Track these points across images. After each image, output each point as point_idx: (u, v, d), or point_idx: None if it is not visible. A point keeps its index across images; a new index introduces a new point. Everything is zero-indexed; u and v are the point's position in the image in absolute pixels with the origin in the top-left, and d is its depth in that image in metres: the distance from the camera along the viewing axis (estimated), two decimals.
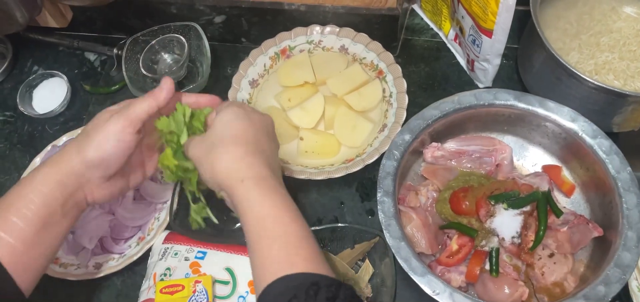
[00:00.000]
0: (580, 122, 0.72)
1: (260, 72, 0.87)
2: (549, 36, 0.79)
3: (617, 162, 0.69)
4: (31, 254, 0.55)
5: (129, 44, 0.92)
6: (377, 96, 0.83)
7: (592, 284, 0.63)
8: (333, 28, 0.87)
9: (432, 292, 0.62)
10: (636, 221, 0.65)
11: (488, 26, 0.73)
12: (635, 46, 0.78)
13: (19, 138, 0.92)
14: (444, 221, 0.73)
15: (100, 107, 0.93)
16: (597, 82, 0.70)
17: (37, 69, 1.00)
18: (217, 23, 0.94)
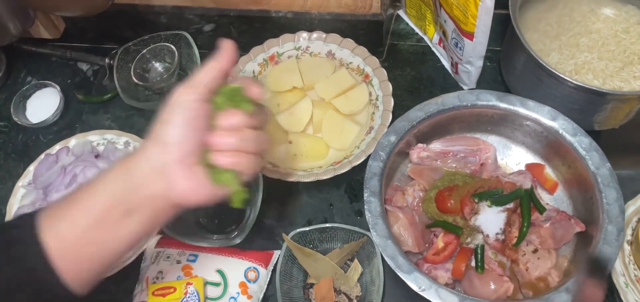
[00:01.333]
0: (561, 120, 0.74)
1: None
2: (530, 38, 0.81)
3: (596, 158, 0.71)
4: (84, 251, 0.50)
5: (120, 54, 0.94)
6: (364, 100, 0.85)
7: (574, 277, 0.64)
8: (320, 34, 0.89)
9: (419, 289, 0.64)
10: (616, 215, 0.67)
11: (469, 29, 0.75)
12: (614, 46, 0.80)
13: (13, 147, 0.93)
14: (430, 220, 0.74)
15: (93, 116, 0.95)
16: (577, 82, 0.72)
17: (31, 80, 1.01)
18: (206, 31, 0.96)
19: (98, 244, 0.51)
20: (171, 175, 0.50)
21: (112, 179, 0.51)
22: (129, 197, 0.50)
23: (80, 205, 0.51)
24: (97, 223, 0.50)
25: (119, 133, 0.89)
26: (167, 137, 0.51)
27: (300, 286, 0.73)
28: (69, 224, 0.50)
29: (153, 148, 0.51)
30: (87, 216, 0.50)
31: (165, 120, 0.51)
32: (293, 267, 0.73)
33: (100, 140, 0.89)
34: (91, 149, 0.87)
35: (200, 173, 0.52)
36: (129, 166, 0.51)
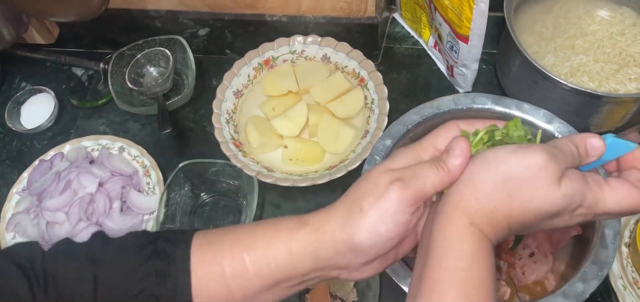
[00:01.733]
0: (556, 123, 0.73)
1: (245, 83, 0.88)
2: (525, 40, 0.81)
3: None
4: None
5: (114, 59, 0.94)
6: (359, 103, 0.84)
7: (571, 281, 0.64)
8: (315, 38, 0.89)
9: None
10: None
11: (464, 32, 0.75)
12: (609, 48, 0.80)
13: (7, 154, 0.93)
14: None
15: (88, 121, 0.95)
16: (572, 85, 0.72)
17: (25, 85, 1.01)
18: (201, 36, 0.96)
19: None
20: (353, 273, 0.45)
21: (300, 248, 0.44)
22: (309, 275, 0.46)
23: (249, 257, 0.45)
24: (265, 288, 0.46)
25: (113, 138, 0.89)
26: (358, 240, 0.42)
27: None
28: (226, 273, 0.45)
29: (341, 233, 0.43)
30: (256, 277, 0.45)
31: (366, 216, 0.42)
32: None
33: (95, 145, 0.89)
34: (86, 155, 0.86)
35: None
36: (320, 245, 0.44)
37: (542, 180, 0.40)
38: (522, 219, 0.41)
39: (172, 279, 0.45)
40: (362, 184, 0.44)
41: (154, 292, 0.45)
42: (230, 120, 0.85)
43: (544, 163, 0.40)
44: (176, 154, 0.89)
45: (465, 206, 0.41)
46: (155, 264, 0.46)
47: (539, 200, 0.40)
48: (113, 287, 0.46)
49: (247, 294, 0.46)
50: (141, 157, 0.86)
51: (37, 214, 0.80)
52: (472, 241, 0.40)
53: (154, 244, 0.47)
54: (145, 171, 0.85)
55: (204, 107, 0.93)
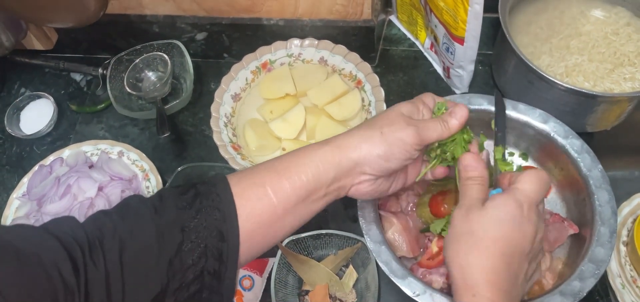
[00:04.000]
0: (552, 123, 0.74)
1: (242, 86, 0.89)
2: (521, 41, 0.81)
3: (588, 160, 0.71)
4: (281, 223, 0.54)
5: (113, 64, 0.94)
6: (357, 105, 0.85)
7: (568, 279, 0.64)
8: (312, 41, 0.89)
9: (413, 294, 0.63)
10: (608, 217, 0.67)
11: (459, 34, 0.75)
12: (604, 48, 0.81)
13: (7, 159, 0.93)
14: (425, 225, 0.74)
15: (87, 126, 0.95)
16: (568, 85, 0.73)
17: (25, 91, 1.01)
18: (199, 40, 0.96)
19: (288, 217, 0.54)
20: (363, 186, 0.56)
21: (325, 161, 0.54)
22: (331, 186, 0.55)
23: (284, 176, 0.53)
24: (300, 200, 0.53)
25: (112, 143, 0.89)
26: (377, 152, 0.54)
27: (296, 293, 0.73)
28: (269, 192, 0.52)
29: (363, 146, 0.54)
30: (293, 190, 0.53)
31: (385, 139, 0.54)
32: (288, 274, 0.73)
33: (94, 150, 0.89)
34: (85, 160, 0.87)
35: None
36: (341, 157, 0.54)
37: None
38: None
39: (220, 211, 0.50)
40: (380, 120, 0.56)
41: (205, 224, 0.49)
42: (229, 124, 0.85)
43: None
44: (175, 157, 0.89)
45: (470, 284, 0.50)
46: (201, 202, 0.50)
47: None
48: (165, 230, 0.48)
49: (286, 207, 0.53)
50: (140, 162, 0.87)
51: (37, 219, 0.81)
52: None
53: (194, 188, 0.52)
54: (144, 175, 0.85)
55: (202, 110, 0.93)
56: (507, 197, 0.52)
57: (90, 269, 0.44)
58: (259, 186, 0.52)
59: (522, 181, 0.53)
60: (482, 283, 0.49)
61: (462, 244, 0.51)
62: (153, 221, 0.48)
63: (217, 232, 0.49)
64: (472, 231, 0.51)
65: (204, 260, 0.49)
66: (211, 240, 0.49)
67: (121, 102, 0.92)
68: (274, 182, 0.53)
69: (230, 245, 0.50)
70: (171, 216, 0.49)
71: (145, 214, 0.49)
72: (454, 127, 0.56)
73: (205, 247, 0.49)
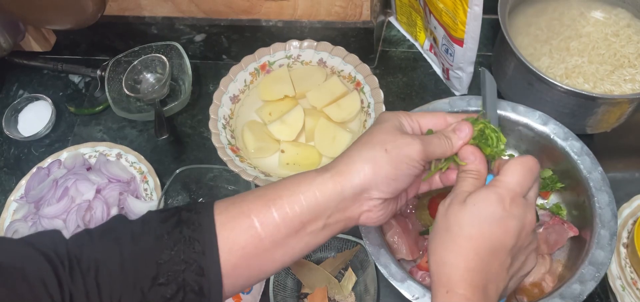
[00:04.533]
0: (552, 125, 0.73)
1: (241, 88, 0.88)
2: (520, 42, 0.81)
3: (588, 162, 0.70)
4: (269, 256, 0.49)
5: (111, 65, 0.94)
6: (356, 107, 0.85)
7: (568, 282, 0.64)
8: (311, 42, 0.89)
9: (412, 297, 0.63)
10: (608, 219, 0.66)
11: (458, 35, 0.75)
12: (604, 50, 0.80)
13: (5, 161, 0.93)
14: (424, 227, 0.74)
15: (85, 128, 0.95)
16: (568, 86, 0.72)
17: (22, 93, 1.01)
18: (197, 42, 0.96)
19: (278, 250, 0.50)
20: (372, 214, 0.52)
21: (325, 190, 0.49)
22: (333, 217, 0.50)
23: (273, 206, 0.49)
24: (292, 232, 0.49)
25: (111, 145, 0.89)
26: (385, 173, 0.49)
27: (294, 296, 0.73)
28: (255, 223, 0.48)
29: (367, 169, 0.49)
30: (283, 221, 0.49)
31: (390, 156, 0.49)
32: (287, 277, 0.73)
33: (92, 152, 0.89)
34: (83, 162, 0.86)
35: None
36: (344, 184, 0.49)
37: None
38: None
39: (199, 243, 0.47)
40: (377, 136, 0.51)
41: (182, 257, 0.46)
42: (227, 126, 0.85)
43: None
44: (173, 159, 0.89)
45: (444, 281, 0.48)
46: (182, 232, 0.47)
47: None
48: (139, 259, 0.46)
49: (275, 240, 0.49)
50: (138, 164, 0.86)
51: (34, 221, 0.80)
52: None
53: (177, 215, 0.49)
54: (142, 177, 0.85)
55: (200, 112, 0.93)
56: (488, 192, 0.49)
57: (71, 287, 0.44)
58: (245, 215, 0.49)
59: (505, 172, 0.50)
60: (456, 280, 0.47)
61: (439, 240, 0.50)
62: (129, 248, 0.46)
63: (197, 266, 0.47)
64: (449, 227, 0.49)
65: (182, 294, 0.46)
66: (189, 274, 0.46)
67: (119, 104, 0.92)
68: (261, 212, 0.48)
69: (211, 280, 0.47)
70: (148, 246, 0.47)
71: (122, 240, 0.47)
72: (457, 147, 0.53)
73: (183, 282, 0.46)
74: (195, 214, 0.49)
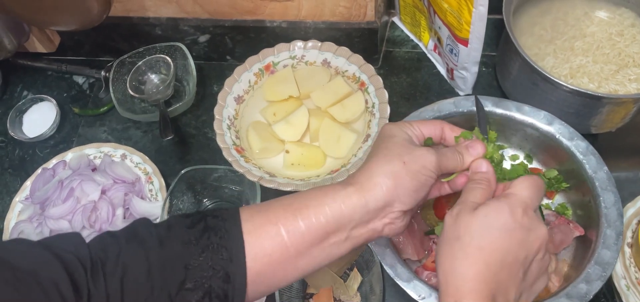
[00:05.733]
0: (557, 125, 0.74)
1: (246, 88, 0.89)
2: (525, 42, 0.81)
3: (593, 162, 0.70)
4: (292, 265, 0.50)
5: (116, 66, 0.94)
6: (360, 107, 0.85)
7: (574, 282, 0.64)
8: (315, 43, 0.89)
9: (418, 297, 0.63)
10: (614, 219, 0.66)
11: (463, 35, 0.75)
12: (609, 49, 0.80)
13: (10, 162, 0.93)
14: (429, 227, 0.74)
15: (90, 129, 0.95)
16: (572, 86, 0.72)
17: (27, 94, 1.01)
18: (201, 42, 0.96)
19: (301, 259, 0.50)
20: (395, 225, 0.52)
21: (350, 204, 0.50)
22: (356, 230, 0.51)
23: (300, 215, 0.50)
24: (317, 241, 0.50)
25: (115, 146, 0.89)
26: (407, 185, 0.51)
27: (300, 296, 0.73)
28: (281, 232, 0.49)
29: (389, 182, 0.50)
30: (309, 230, 0.50)
31: (409, 168, 0.51)
32: None
33: (97, 153, 0.89)
34: (88, 163, 0.87)
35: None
36: (368, 198, 0.50)
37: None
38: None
39: (227, 250, 0.48)
40: (394, 148, 0.52)
41: (210, 264, 0.47)
42: (232, 126, 0.85)
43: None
44: (178, 160, 0.89)
45: (451, 292, 0.48)
46: (210, 238, 0.48)
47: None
48: (168, 264, 0.46)
49: (300, 249, 0.50)
50: (143, 164, 0.87)
51: (40, 222, 0.80)
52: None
53: (203, 221, 0.49)
54: (147, 178, 0.85)
55: (205, 113, 0.93)
56: (500, 203, 0.50)
57: (91, 290, 0.44)
58: (273, 223, 0.49)
59: (516, 185, 0.51)
60: (465, 291, 0.47)
61: (448, 248, 0.50)
62: (156, 253, 0.47)
63: (224, 273, 0.47)
64: (459, 236, 0.49)
65: (207, 299, 0.47)
66: (216, 281, 0.47)
67: (124, 104, 0.92)
68: (288, 221, 0.49)
69: (236, 287, 0.48)
70: (175, 251, 0.47)
71: (149, 243, 0.47)
72: (468, 164, 0.55)
73: (210, 288, 0.47)
74: (221, 221, 0.49)
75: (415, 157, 0.51)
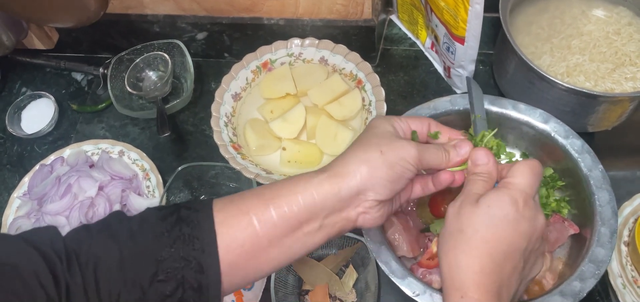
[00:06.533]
0: (552, 123, 0.74)
1: (243, 86, 0.89)
2: (521, 41, 0.81)
3: (588, 160, 0.71)
4: (265, 256, 0.50)
5: (113, 63, 0.94)
6: (357, 105, 0.85)
7: (568, 280, 0.64)
8: (312, 40, 0.89)
9: (413, 294, 0.63)
10: (609, 217, 0.67)
11: (459, 34, 0.75)
12: (605, 48, 0.80)
13: (8, 159, 0.94)
14: (425, 225, 0.74)
15: (88, 126, 0.95)
16: (569, 85, 0.73)
17: (26, 91, 1.01)
18: (199, 40, 0.96)
19: (274, 249, 0.50)
20: (369, 216, 0.52)
21: (322, 191, 0.50)
22: (330, 218, 0.51)
23: (272, 205, 0.49)
24: (289, 231, 0.50)
25: (113, 142, 0.89)
26: (380, 174, 0.50)
27: (296, 293, 0.73)
28: (253, 221, 0.49)
29: (362, 169, 0.50)
30: (281, 220, 0.49)
31: (386, 157, 0.50)
32: (288, 274, 0.73)
33: (95, 149, 0.89)
34: (86, 159, 0.87)
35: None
36: (341, 185, 0.50)
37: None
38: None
39: (199, 241, 0.47)
40: (373, 139, 0.52)
41: (182, 255, 0.47)
42: (229, 123, 0.85)
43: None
44: (175, 157, 0.89)
45: (457, 285, 0.48)
46: (181, 229, 0.48)
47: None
48: (139, 257, 0.46)
49: (272, 239, 0.49)
50: (141, 161, 0.87)
51: (38, 218, 0.81)
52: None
53: (176, 213, 0.49)
54: (144, 175, 0.85)
55: (202, 110, 0.93)
56: (501, 194, 0.50)
57: (69, 281, 0.44)
58: (244, 213, 0.49)
59: (515, 174, 0.51)
60: (470, 285, 0.47)
61: (451, 242, 0.50)
62: (127, 246, 0.46)
63: (196, 263, 0.47)
64: (462, 229, 0.49)
65: (181, 291, 0.47)
66: (189, 272, 0.47)
67: (122, 101, 0.92)
68: (259, 210, 0.49)
69: (210, 277, 0.47)
70: (146, 243, 0.47)
71: (120, 237, 0.47)
72: (454, 163, 0.55)
73: (183, 279, 0.47)
74: (194, 212, 0.49)
75: (394, 148, 0.51)
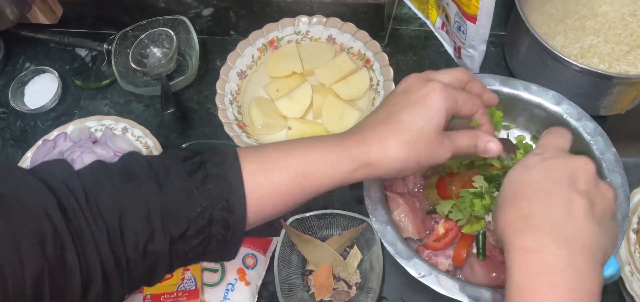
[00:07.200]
0: (565, 105, 0.72)
1: (249, 64, 0.87)
2: (535, 21, 0.79)
3: (601, 143, 0.69)
4: (290, 205, 0.52)
5: (118, 39, 0.93)
6: (365, 85, 0.83)
7: None
8: (320, 18, 0.88)
9: (418, 275, 0.62)
10: (621, 201, 0.65)
11: (472, 12, 0.74)
12: (621, 29, 0.78)
13: (11, 134, 0.93)
14: (431, 206, 0.73)
15: (92, 102, 0.94)
16: (582, 65, 0.71)
17: (29, 66, 1.00)
18: (205, 16, 0.95)
19: (299, 188, 0.51)
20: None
21: (353, 178, 0.53)
22: (351, 163, 0.52)
23: (304, 182, 0.51)
24: (315, 195, 0.52)
25: (117, 119, 0.88)
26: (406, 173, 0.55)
27: (299, 272, 0.73)
28: (276, 181, 0.50)
29: (395, 173, 0.53)
30: (309, 194, 0.52)
31: (413, 170, 0.53)
32: (292, 253, 0.73)
33: (98, 126, 0.88)
34: (89, 135, 0.86)
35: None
36: (371, 173, 0.53)
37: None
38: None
39: (230, 200, 0.48)
40: (420, 139, 0.52)
41: (212, 214, 0.47)
42: (234, 101, 0.84)
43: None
44: (179, 134, 0.88)
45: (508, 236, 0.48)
46: (211, 188, 0.48)
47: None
48: (169, 216, 0.46)
49: (299, 200, 0.52)
50: (144, 138, 0.86)
51: None
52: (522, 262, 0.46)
53: (203, 168, 0.49)
54: (148, 152, 0.85)
55: (207, 88, 0.92)
56: (527, 155, 0.52)
57: (89, 219, 0.43)
58: (267, 172, 0.51)
59: (540, 139, 0.54)
60: (510, 234, 0.47)
61: (497, 208, 0.51)
62: (155, 200, 0.46)
63: (223, 220, 0.48)
64: (504, 196, 0.50)
65: (206, 243, 0.48)
66: (217, 229, 0.48)
67: (126, 78, 0.91)
68: (291, 186, 0.51)
69: (236, 231, 0.49)
70: (177, 205, 0.47)
71: (147, 187, 0.46)
72: (481, 153, 0.56)
73: (209, 234, 0.48)
74: (222, 169, 0.49)
75: (431, 158, 0.52)
